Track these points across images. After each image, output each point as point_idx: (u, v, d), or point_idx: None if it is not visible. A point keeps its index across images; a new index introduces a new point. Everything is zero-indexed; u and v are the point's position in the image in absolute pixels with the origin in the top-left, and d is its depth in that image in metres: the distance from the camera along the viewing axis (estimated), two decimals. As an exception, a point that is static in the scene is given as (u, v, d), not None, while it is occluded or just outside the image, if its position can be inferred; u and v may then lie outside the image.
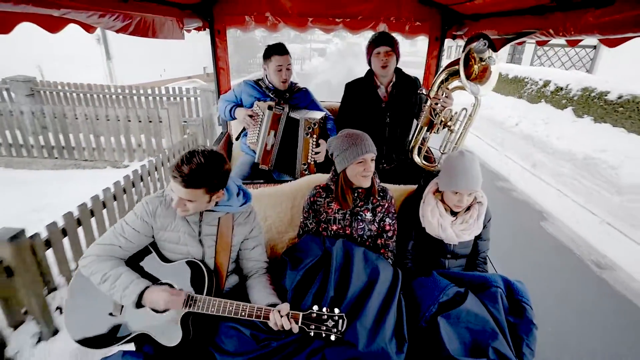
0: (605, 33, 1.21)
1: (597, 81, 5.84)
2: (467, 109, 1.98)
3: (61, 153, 5.31)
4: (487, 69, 1.79)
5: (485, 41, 1.72)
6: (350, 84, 2.35)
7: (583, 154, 4.95)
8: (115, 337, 1.35)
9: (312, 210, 1.72)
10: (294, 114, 2.19)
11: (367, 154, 1.54)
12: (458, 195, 1.60)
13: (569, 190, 4.86)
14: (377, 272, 1.48)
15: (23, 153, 5.26)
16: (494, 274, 1.64)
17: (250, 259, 1.54)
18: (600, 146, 4.90)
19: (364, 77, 2.30)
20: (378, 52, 2.14)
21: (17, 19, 1.11)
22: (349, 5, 2.56)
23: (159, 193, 1.44)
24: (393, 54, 2.15)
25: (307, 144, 2.19)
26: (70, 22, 1.32)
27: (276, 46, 2.25)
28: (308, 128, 2.15)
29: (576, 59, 9.42)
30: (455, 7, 2.38)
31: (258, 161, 2.28)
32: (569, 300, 2.89)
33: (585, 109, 5.72)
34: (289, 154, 2.24)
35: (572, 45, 1.67)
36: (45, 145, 5.20)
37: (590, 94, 5.70)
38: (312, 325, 1.24)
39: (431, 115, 2.03)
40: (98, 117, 5.09)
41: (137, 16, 1.66)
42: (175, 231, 1.41)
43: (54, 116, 5.06)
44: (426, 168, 2.15)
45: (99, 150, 5.36)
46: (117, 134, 5.24)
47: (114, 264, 1.34)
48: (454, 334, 1.36)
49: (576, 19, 1.32)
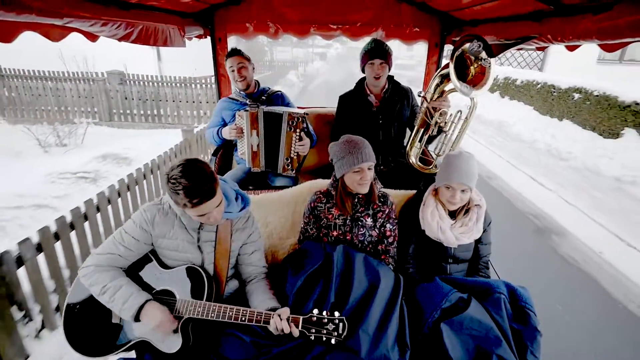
0: (605, 38, 1.22)
1: (515, 73, 8.39)
2: (462, 111, 2.00)
3: (154, 119, 8.70)
4: (485, 70, 1.80)
5: (480, 42, 1.73)
6: (342, 96, 2.45)
7: (499, 120, 7.61)
8: (115, 344, 1.34)
9: (312, 215, 1.71)
10: (272, 109, 2.20)
11: (364, 162, 1.54)
12: (451, 190, 1.61)
13: (490, 145, 7.58)
14: (378, 278, 1.47)
15: (129, 119, 8.75)
16: (497, 280, 1.63)
17: (249, 264, 1.54)
18: (508, 115, 7.53)
19: (355, 88, 2.40)
20: (372, 63, 2.21)
21: (20, 28, 1.13)
22: (349, 12, 2.59)
23: (156, 201, 1.44)
24: (386, 65, 2.22)
25: (290, 138, 2.20)
26: (73, 30, 1.34)
27: (231, 51, 2.34)
28: (291, 122, 2.17)
29: (529, 60, 11.01)
30: (454, 13, 2.40)
31: (249, 165, 2.30)
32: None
33: (505, 92, 8.43)
34: (273, 150, 2.26)
35: (570, 50, 1.67)
36: (144, 114, 8.68)
37: (508, 82, 8.36)
38: (312, 329, 1.23)
39: (426, 117, 2.06)
40: (177, 96, 8.45)
41: (139, 24, 1.68)
42: (173, 239, 1.40)
43: (151, 97, 8.47)
44: (421, 170, 2.17)
45: (178, 117, 8.62)
46: (192, 107, 8.48)
47: (113, 274, 1.33)
48: (457, 341, 1.35)
49: (575, 25, 1.32)
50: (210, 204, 1.24)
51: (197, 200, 1.20)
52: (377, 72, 2.21)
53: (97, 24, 1.35)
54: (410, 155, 2.18)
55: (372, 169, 1.60)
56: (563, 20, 1.40)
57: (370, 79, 2.27)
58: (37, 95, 8.28)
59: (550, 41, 1.51)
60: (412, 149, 2.18)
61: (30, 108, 8.38)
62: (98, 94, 8.39)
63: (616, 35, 1.16)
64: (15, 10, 0.96)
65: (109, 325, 1.36)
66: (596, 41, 1.27)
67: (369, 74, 2.25)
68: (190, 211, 1.25)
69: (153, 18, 1.80)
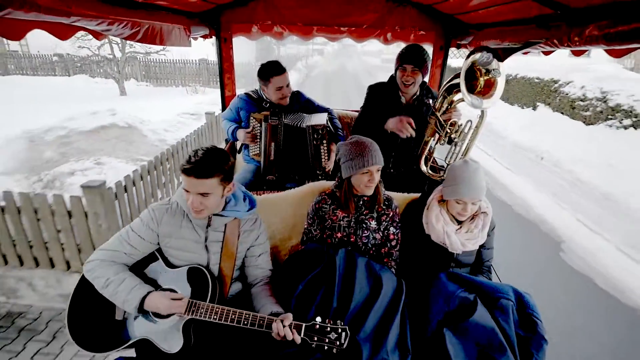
0: (611, 44, 1.21)
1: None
2: (472, 121, 1.96)
3: (183, 84, 14.39)
4: (493, 82, 1.75)
5: (490, 54, 1.70)
6: (373, 86, 2.27)
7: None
8: (117, 341, 1.35)
9: (317, 216, 1.71)
10: (293, 120, 2.15)
11: (373, 165, 1.54)
12: (462, 204, 1.59)
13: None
14: (380, 283, 1.47)
15: (163, 83, 14.96)
16: (505, 284, 1.59)
17: (256, 267, 1.54)
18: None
19: (388, 82, 2.23)
20: (404, 69, 2.06)
21: (29, 27, 1.14)
22: (354, 14, 2.59)
23: (165, 201, 1.45)
24: (419, 73, 2.05)
25: (318, 150, 2.15)
26: (80, 29, 1.34)
27: (273, 66, 2.18)
28: (317, 135, 2.12)
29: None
30: (459, 16, 2.40)
31: (265, 171, 2.27)
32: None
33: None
34: (298, 160, 2.20)
35: (577, 55, 1.66)
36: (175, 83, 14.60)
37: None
38: (314, 337, 1.22)
39: (437, 128, 1.97)
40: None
41: (145, 24, 1.68)
42: (181, 238, 1.41)
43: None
44: (432, 177, 2.13)
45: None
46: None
47: (117, 269, 1.34)
48: (459, 348, 1.33)
49: (581, 30, 1.32)
50: (195, 183, 1.25)
51: (190, 168, 1.23)
52: (406, 79, 2.06)
53: (104, 22, 1.36)
54: (421, 161, 2.10)
55: (380, 172, 1.60)
56: (569, 25, 1.39)
57: (400, 84, 2.11)
58: (168, 71, 15.16)
59: (556, 46, 1.50)
60: (423, 156, 2.09)
61: (164, 77, 15.29)
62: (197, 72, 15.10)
63: (624, 41, 1.15)
64: (23, 8, 0.97)
65: (112, 322, 1.37)
66: (603, 46, 1.26)
67: (399, 79, 2.10)
68: (182, 179, 1.28)
69: (159, 18, 1.81)
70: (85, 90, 12.24)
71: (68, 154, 5.27)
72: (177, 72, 15.08)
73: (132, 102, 9.87)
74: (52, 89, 11.91)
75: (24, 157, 5.13)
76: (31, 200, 2.73)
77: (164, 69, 15.05)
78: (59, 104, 9.15)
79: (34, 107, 8.74)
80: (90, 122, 6.05)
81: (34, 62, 15.36)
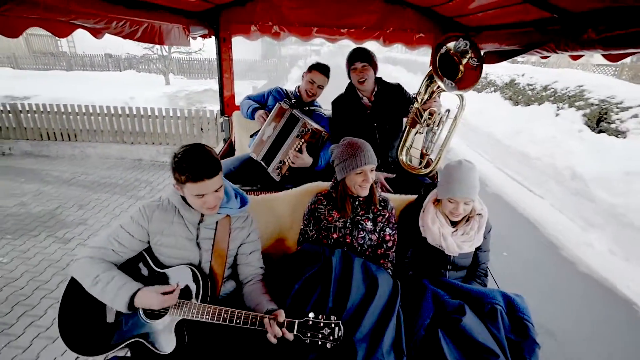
0: (608, 49, 1.22)
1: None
2: (450, 110, 2.01)
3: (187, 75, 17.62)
4: (477, 68, 1.83)
5: (467, 41, 1.74)
6: (335, 100, 2.41)
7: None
8: (109, 344, 1.33)
9: (312, 217, 1.71)
10: (298, 114, 2.20)
11: (367, 165, 1.54)
12: (454, 203, 1.59)
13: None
14: (376, 284, 1.47)
15: (194, 77, 17.38)
16: (494, 289, 1.59)
17: (247, 265, 1.53)
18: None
19: (346, 91, 2.37)
20: (355, 68, 2.20)
21: (27, 24, 1.13)
22: (354, 16, 2.59)
23: (155, 199, 1.44)
24: (370, 68, 2.19)
25: (293, 144, 2.19)
26: (79, 27, 1.34)
27: (322, 66, 2.35)
28: (302, 131, 2.16)
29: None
30: (458, 19, 2.41)
31: (252, 150, 2.32)
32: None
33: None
34: (275, 149, 2.26)
35: (574, 59, 1.67)
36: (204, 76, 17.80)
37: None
38: (308, 333, 1.21)
39: (416, 117, 2.08)
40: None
41: (144, 23, 1.69)
42: (172, 235, 1.40)
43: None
44: (410, 170, 2.18)
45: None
46: (241, 77, 15.57)
47: (105, 267, 1.32)
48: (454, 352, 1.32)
49: (578, 34, 1.32)
50: (210, 184, 1.26)
51: (199, 174, 1.23)
52: (360, 76, 2.19)
53: (103, 21, 1.36)
54: (401, 153, 2.19)
55: (374, 172, 1.60)
56: (566, 29, 1.40)
57: (356, 83, 2.25)
58: (197, 67, 17.95)
59: (553, 50, 1.51)
60: (403, 148, 2.19)
61: (194, 72, 18.07)
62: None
63: (620, 46, 1.16)
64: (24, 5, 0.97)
65: (103, 325, 1.35)
66: (600, 51, 1.27)
67: (354, 79, 2.24)
68: (190, 188, 1.26)
69: (158, 17, 1.81)
70: (140, 81, 14.05)
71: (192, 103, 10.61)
72: (204, 68, 18.30)
73: (181, 87, 13.39)
74: (117, 79, 13.92)
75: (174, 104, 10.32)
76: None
77: (192, 65, 18.31)
78: (140, 87, 11.83)
79: (132, 89, 11.03)
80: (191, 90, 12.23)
81: (93, 60, 18.28)
